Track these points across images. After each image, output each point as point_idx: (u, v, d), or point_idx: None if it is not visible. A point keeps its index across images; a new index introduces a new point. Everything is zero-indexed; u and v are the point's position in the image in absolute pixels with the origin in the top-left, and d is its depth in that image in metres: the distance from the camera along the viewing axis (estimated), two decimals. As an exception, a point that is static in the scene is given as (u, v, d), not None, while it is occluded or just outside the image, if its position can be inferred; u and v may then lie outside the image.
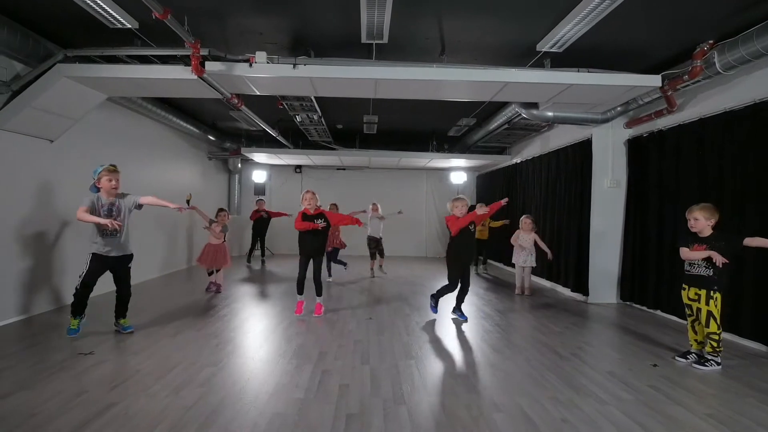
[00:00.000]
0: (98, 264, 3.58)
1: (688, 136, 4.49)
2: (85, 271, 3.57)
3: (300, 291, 4.59)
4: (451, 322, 4.41)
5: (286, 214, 8.48)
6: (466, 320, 4.40)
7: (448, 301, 4.60)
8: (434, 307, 4.53)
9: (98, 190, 3.59)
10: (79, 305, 3.62)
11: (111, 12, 3.43)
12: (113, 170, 3.60)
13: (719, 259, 3.05)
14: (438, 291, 4.50)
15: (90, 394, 2.53)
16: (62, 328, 3.72)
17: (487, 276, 7.64)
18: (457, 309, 4.49)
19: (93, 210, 3.52)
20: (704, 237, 3.22)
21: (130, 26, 3.70)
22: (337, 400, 2.52)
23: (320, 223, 4.45)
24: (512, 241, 6.07)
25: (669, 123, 4.74)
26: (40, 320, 4.17)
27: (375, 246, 7.19)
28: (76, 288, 3.59)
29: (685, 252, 3.28)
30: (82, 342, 3.48)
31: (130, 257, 3.78)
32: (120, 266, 3.70)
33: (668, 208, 4.72)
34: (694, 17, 3.48)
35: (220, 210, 5.85)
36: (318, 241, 4.52)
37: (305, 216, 4.47)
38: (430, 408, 2.45)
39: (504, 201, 4.48)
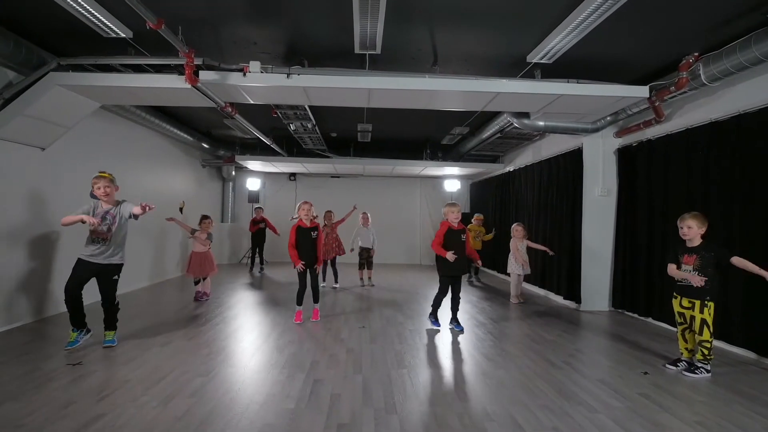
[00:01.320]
0: (81, 269, 3.50)
1: (676, 145, 4.57)
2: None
3: (300, 302, 4.67)
4: (443, 331, 4.40)
5: (276, 232, 8.60)
6: (462, 331, 4.37)
7: (444, 310, 4.58)
8: (435, 321, 4.47)
9: (97, 197, 3.56)
10: (74, 316, 3.52)
11: (105, 21, 3.46)
12: (100, 176, 3.53)
13: (697, 281, 3.13)
14: (433, 304, 4.50)
15: (78, 405, 2.49)
16: (52, 338, 3.67)
17: (480, 285, 7.65)
18: (453, 320, 4.48)
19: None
20: (694, 247, 3.25)
21: (124, 36, 3.72)
22: (329, 410, 2.51)
23: (314, 237, 4.58)
24: (513, 250, 6.05)
25: (657, 133, 4.82)
26: (29, 330, 4.10)
27: (366, 256, 7.21)
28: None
29: (672, 269, 3.35)
30: (71, 352, 3.43)
31: (116, 267, 3.62)
32: (103, 275, 3.56)
33: (658, 217, 4.78)
34: (679, 30, 3.57)
35: (204, 217, 5.78)
36: (315, 250, 4.62)
37: (300, 231, 4.52)
38: (422, 417, 2.45)
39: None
